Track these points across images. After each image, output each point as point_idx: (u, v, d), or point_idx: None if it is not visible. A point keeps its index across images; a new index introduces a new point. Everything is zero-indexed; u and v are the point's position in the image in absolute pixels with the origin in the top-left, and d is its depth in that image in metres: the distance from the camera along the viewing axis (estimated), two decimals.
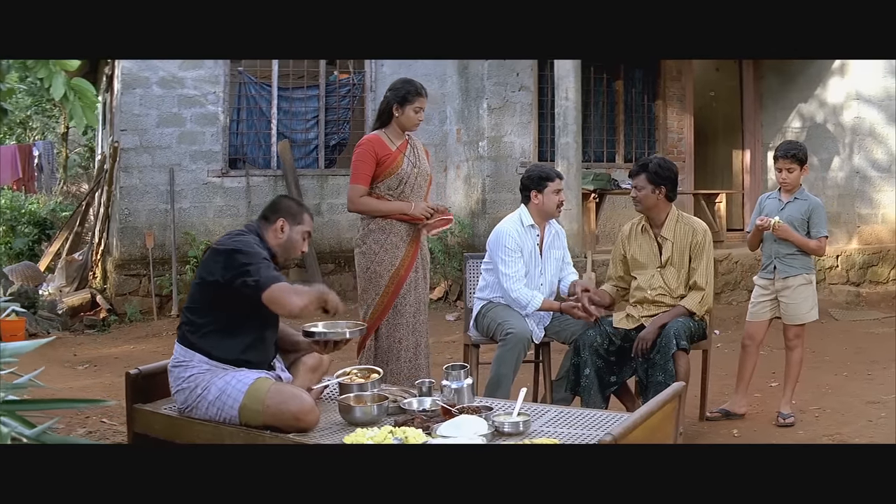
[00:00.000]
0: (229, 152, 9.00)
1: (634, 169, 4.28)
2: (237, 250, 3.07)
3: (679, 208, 4.41)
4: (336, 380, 3.51)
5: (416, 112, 4.17)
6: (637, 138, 9.86)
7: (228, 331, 3.14)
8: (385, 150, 4.15)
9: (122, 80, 8.55)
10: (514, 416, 3.05)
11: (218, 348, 3.13)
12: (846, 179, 8.78)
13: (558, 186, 4.36)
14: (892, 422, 4.47)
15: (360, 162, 4.15)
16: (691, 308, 4.11)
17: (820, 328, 7.24)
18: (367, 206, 4.15)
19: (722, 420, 4.58)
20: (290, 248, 3.32)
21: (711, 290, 4.16)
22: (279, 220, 3.28)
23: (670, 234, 4.20)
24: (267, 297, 2.97)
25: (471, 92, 9.20)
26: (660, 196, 4.18)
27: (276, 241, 3.27)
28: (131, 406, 3.44)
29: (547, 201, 4.33)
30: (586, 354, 4.15)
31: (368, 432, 2.95)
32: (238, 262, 3.03)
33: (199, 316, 3.17)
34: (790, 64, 9.40)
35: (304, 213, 3.35)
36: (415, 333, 4.18)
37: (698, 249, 4.16)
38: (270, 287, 2.97)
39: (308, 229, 3.35)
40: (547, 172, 4.40)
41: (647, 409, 2.87)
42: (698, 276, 4.14)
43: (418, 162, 4.24)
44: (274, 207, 3.35)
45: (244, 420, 3.07)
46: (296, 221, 3.30)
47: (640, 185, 4.19)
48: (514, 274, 4.26)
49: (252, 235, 3.23)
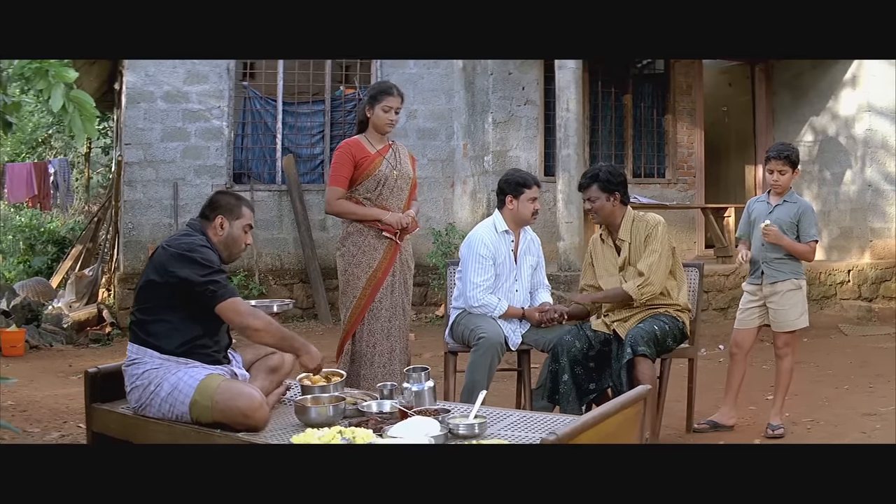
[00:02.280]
0: (234, 167, 9.02)
1: (584, 182, 4.18)
2: (197, 259, 3.10)
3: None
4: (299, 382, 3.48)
5: (386, 111, 4.12)
6: (646, 153, 9.74)
7: (178, 325, 3.13)
8: (363, 153, 4.13)
9: (127, 94, 8.62)
10: (469, 419, 2.97)
11: (168, 341, 3.13)
12: (858, 193, 8.58)
13: (535, 194, 4.28)
14: (887, 434, 4.30)
15: (337, 164, 4.16)
16: (628, 291, 3.99)
17: (827, 343, 7.07)
18: (342, 208, 4.14)
19: (710, 432, 4.43)
20: (232, 244, 3.32)
21: (659, 278, 4.00)
22: (218, 218, 3.28)
23: (626, 234, 4.12)
24: (222, 308, 3.08)
25: (477, 106, 9.16)
26: (615, 203, 4.10)
27: (217, 239, 3.28)
28: (90, 405, 3.43)
29: (522, 208, 4.26)
30: (564, 361, 4.05)
31: (318, 433, 2.90)
32: (203, 271, 3.08)
33: (149, 314, 3.16)
34: (802, 77, 9.27)
35: (243, 207, 3.33)
36: (390, 338, 4.12)
37: (650, 240, 4.05)
38: (227, 299, 3.08)
39: (248, 222, 3.34)
40: (525, 179, 4.31)
41: (601, 412, 2.76)
42: (642, 263, 4.02)
43: (399, 165, 4.20)
44: (212, 205, 3.34)
45: (195, 416, 3.07)
46: (234, 216, 3.30)
47: (593, 196, 4.10)
48: (482, 283, 4.20)
49: (199, 236, 3.23)
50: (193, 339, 3.13)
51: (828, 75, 8.88)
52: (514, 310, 4.23)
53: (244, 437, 2.97)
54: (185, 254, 3.10)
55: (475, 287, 4.19)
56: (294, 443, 2.83)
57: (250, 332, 3.11)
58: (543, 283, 4.49)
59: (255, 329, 3.10)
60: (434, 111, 9.60)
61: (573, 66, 7.38)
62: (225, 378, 3.11)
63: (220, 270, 3.13)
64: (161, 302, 3.13)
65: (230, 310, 3.07)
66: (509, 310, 4.21)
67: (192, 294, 3.08)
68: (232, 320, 3.10)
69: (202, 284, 3.06)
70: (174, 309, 3.12)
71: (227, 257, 3.30)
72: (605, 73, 9.48)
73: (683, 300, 4.14)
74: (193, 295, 3.08)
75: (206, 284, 3.06)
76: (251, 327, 3.09)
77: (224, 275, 3.14)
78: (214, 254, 3.18)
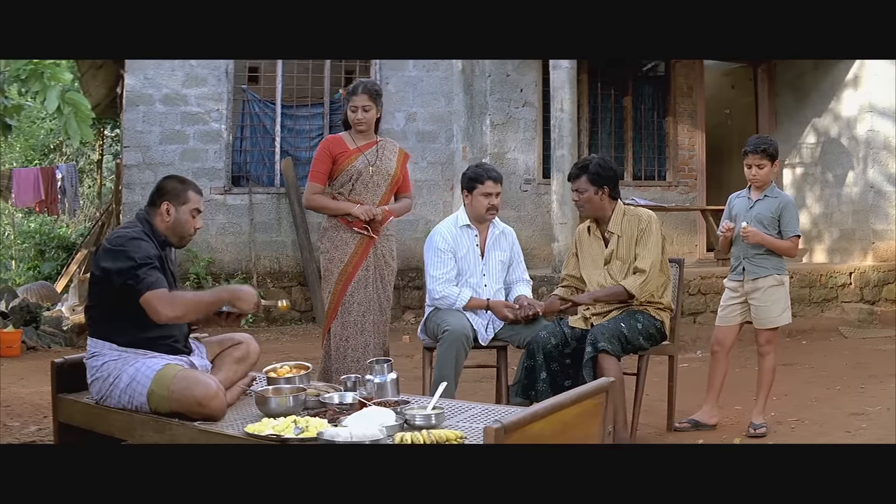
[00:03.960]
0: (232, 170, 9.04)
1: (573, 172, 4.10)
2: (125, 252, 3.07)
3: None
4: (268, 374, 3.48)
5: (354, 111, 4.16)
6: (647, 155, 9.69)
7: (127, 315, 3.12)
8: (341, 148, 4.17)
9: (126, 97, 8.67)
10: (427, 410, 2.93)
11: (122, 334, 3.13)
12: (860, 194, 8.48)
13: (489, 189, 4.18)
14: (872, 433, 4.21)
15: (316, 160, 4.22)
16: (629, 289, 3.92)
17: (825, 345, 6.98)
18: (316, 203, 4.20)
19: (691, 431, 4.36)
20: (180, 228, 3.30)
21: (656, 274, 3.95)
22: (164, 204, 3.27)
23: (617, 228, 4.05)
24: (142, 301, 3.02)
25: (475, 109, 9.13)
26: (603, 196, 4.03)
27: (164, 225, 3.27)
28: (56, 395, 3.45)
29: (475, 203, 4.21)
30: (539, 357, 4.01)
31: (273, 422, 2.88)
32: (125, 264, 3.05)
33: (101, 309, 3.18)
34: (804, 78, 9.20)
35: (189, 191, 3.32)
36: (364, 333, 4.11)
37: (643, 236, 3.98)
38: (146, 293, 3.01)
39: (195, 206, 3.32)
40: (478, 174, 4.21)
41: (554, 402, 2.71)
42: (640, 260, 3.95)
43: (378, 161, 4.19)
44: (158, 191, 3.33)
45: (153, 406, 3.08)
46: (180, 201, 3.28)
47: (581, 188, 4.03)
48: (441, 276, 4.18)
49: (137, 228, 3.22)
50: (147, 329, 3.12)
51: (829, 76, 8.80)
52: (476, 300, 4.18)
53: (200, 426, 2.96)
54: (112, 248, 3.11)
55: (434, 280, 4.19)
56: (248, 431, 2.81)
57: (172, 321, 3.08)
58: (523, 277, 4.41)
59: (178, 317, 3.07)
60: (434, 114, 9.59)
61: (567, 66, 7.35)
62: (182, 368, 3.10)
63: (145, 264, 3.06)
64: (107, 295, 3.13)
65: (147, 304, 3.01)
66: (472, 300, 4.16)
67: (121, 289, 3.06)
68: (151, 315, 3.03)
69: (123, 279, 3.04)
70: (121, 300, 3.10)
71: (176, 242, 3.31)
72: (604, 74, 9.45)
73: (667, 300, 4.08)
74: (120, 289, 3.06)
75: (126, 279, 3.03)
76: (173, 318, 3.05)
77: (148, 267, 3.06)
78: (150, 244, 3.15)
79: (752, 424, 4.28)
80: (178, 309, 3.05)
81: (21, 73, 6.36)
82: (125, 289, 3.04)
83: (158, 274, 3.08)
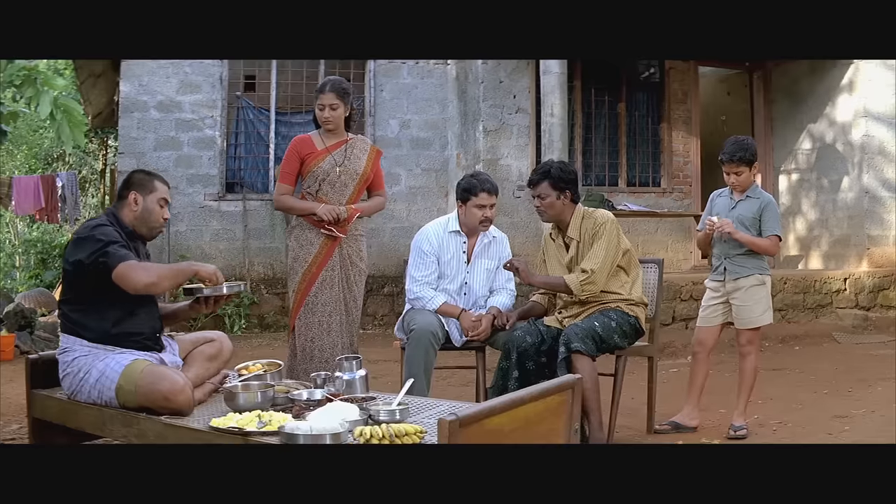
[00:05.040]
0: (227, 176, 9.07)
1: (534, 177, 4.07)
2: (93, 236, 3.10)
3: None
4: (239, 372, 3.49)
5: (321, 109, 4.18)
6: (641, 162, 9.68)
7: (97, 310, 3.16)
8: (309, 149, 4.18)
9: (122, 104, 8.72)
10: (392, 406, 2.94)
11: (91, 329, 3.17)
12: (856, 200, 8.45)
13: (483, 202, 4.13)
14: (853, 435, 4.18)
15: (284, 161, 4.25)
16: (569, 283, 3.91)
17: (817, 350, 6.95)
18: (283, 203, 4.23)
19: (671, 433, 4.34)
20: (149, 218, 3.34)
21: (603, 275, 3.91)
22: (131, 195, 3.32)
23: (576, 232, 4.04)
24: (115, 275, 3.03)
25: (469, 115, 9.16)
26: (565, 201, 4.03)
27: (132, 216, 3.31)
28: (30, 391, 3.47)
29: (469, 214, 4.19)
30: (513, 356, 4.00)
31: (237, 416, 2.90)
32: (93, 247, 3.08)
33: (71, 304, 3.22)
34: (799, 84, 9.18)
35: (155, 181, 3.37)
36: (331, 334, 4.09)
37: (596, 236, 3.97)
38: (118, 265, 3.02)
39: (162, 196, 3.37)
40: (473, 185, 4.16)
41: (514, 397, 2.70)
42: (586, 260, 3.94)
43: (346, 161, 4.19)
44: (125, 184, 3.38)
45: (121, 401, 3.11)
46: (147, 191, 3.33)
47: (543, 193, 4.02)
48: (421, 278, 4.18)
49: (103, 218, 3.27)
50: (116, 325, 3.16)
51: (825, 81, 8.78)
52: (449, 307, 4.14)
53: (167, 420, 2.99)
54: (79, 237, 3.15)
55: (413, 281, 4.19)
56: (212, 425, 2.82)
57: (149, 288, 3.08)
58: (506, 286, 4.34)
59: (151, 283, 3.06)
60: (428, 121, 9.62)
61: (557, 70, 7.36)
62: (150, 363, 3.12)
63: (114, 241, 3.10)
64: (78, 290, 3.17)
65: (121, 275, 3.03)
66: (445, 306, 4.13)
67: (91, 274, 3.08)
68: (127, 285, 3.05)
69: (93, 258, 3.06)
70: (91, 295, 3.14)
71: (146, 233, 3.36)
72: (598, 81, 9.45)
73: (637, 294, 4.06)
74: (93, 275, 3.08)
75: (97, 258, 3.05)
76: (148, 284, 3.05)
77: (117, 245, 3.10)
78: (116, 230, 3.19)
79: (733, 426, 4.25)
80: (152, 275, 3.06)
81: (14, 79, 6.42)
82: (97, 271, 3.06)
83: (128, 251, 3.12)
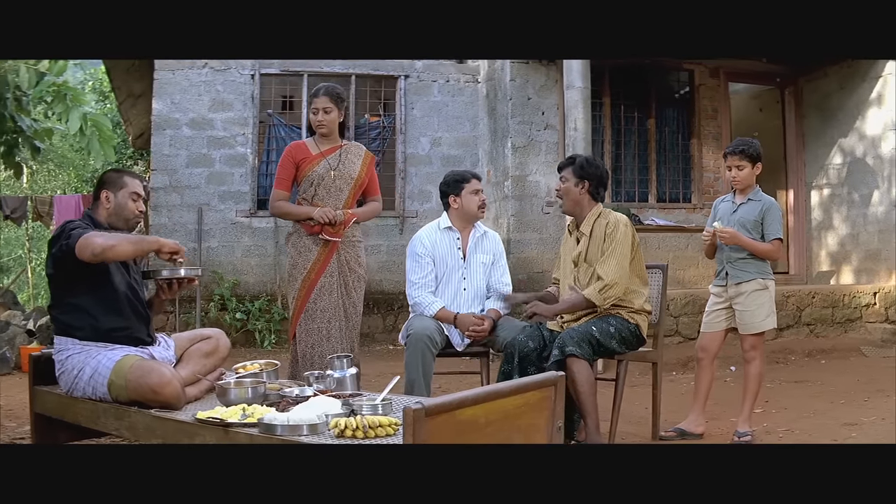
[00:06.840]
0: (258, 193, 9.22)
1: (562, 163, 4.18)
2: (62, 232, 3.20)
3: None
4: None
5: (314, 113, 4.24)
6: (671, 178, 9.62)
7: (83, 308, 3.25)
8: (303, 154, 4.24)
9: (154, 122, 8.96)
10: (374, 401, 2.98)
11: (80, 328, 3.26)
12: (886, 213, 8.28)
13: (476, 186, 4.28)
14: (860, 441, 4.10)
15: (279, 167, 4.30)
16: (590, 297, 3.87)
17: (842, 364, 6.82)
18: (279, 209, 4.29)
19: (677, 440, 4.31)
20: (122, 213, 3.42)
21: (621, 281, 3.88)
22: (103, 193, 3.42)
23: (587, 228, 4.04)
24: (77, 248, 3.06)
25: (498, 132, 9.23)
26: (583, 191, 4.04)
27: (106, 214, 3.41)
28: (32, 387, 3.60)
29: (466, 202, 4.26)
30: (516, 362, 4.00)
31: (223, 410, 2.97)
32: (60, 240, 3.17)
33: (59, 307, 3.32)
34: (830, 99, 9.07)
35: (125, 177, 3.46)
36: (330, 340, 4.12)
37: (610, 240, 3.95)
38: (78, 240, 3.07)
39: (134, 190, 3.44)
40: (462, 174, 4.32)
41: (489, 390, 2.71)
42: (601, 266, 3.92)
43: (340, 166, 4.24)
44: (98, 185, 3.48)
45: (113, 395, 3.19)
46: (117, 188, 3.42)
47: (565, 176, 4.08)
48: (418, 281, 4.22)
49: (83, 222, 3.35)
50: (104, 320, 3.24)
51: (855, 95, 8.67)
52: (445, 313, 4.16)
53: (155, 412, 3.06)
54: (51, 239, 3.26)
55: (411, 285, 4.23)
56: (198, 417, 2.90)
57: (109, 252, 3.06)
58: (502, 280, 4.37)
59: (111, 247, 3.05)
60: (459, 138, 9.71)
61: (580, 84, 7.38)
62: (139, 358, 3.20)
63: (76, 228, 3.17)
64: (61, 291, 3.28)
65: (82, 245, 3.05)
66: (442, 311, 4.15)
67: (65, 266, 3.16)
68: (86, 253, 3.06)
69: (58, 246, 3.14)
70: (74, 295, 3.24)
71: (124, 226, 3.43)
72: (628, 97, 9.45)
73: (639, 303, 4.01)
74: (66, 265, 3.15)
75: (61, 244, 3.13)
76: (103, 246, 3.04)
77: (80, 228, 3.17)
78: (86, 224, 3.30)
79: (737, 432, 4.20)
80: (110, 239, 3.07)
81: (45, 95, 6.66)
82: (67, 259, 3.11)
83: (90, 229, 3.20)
